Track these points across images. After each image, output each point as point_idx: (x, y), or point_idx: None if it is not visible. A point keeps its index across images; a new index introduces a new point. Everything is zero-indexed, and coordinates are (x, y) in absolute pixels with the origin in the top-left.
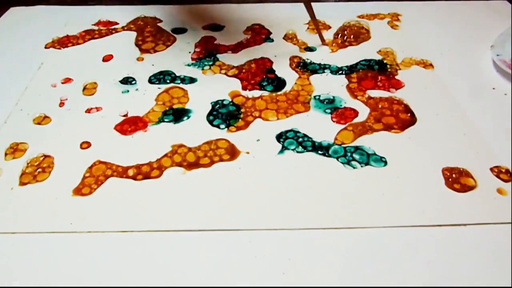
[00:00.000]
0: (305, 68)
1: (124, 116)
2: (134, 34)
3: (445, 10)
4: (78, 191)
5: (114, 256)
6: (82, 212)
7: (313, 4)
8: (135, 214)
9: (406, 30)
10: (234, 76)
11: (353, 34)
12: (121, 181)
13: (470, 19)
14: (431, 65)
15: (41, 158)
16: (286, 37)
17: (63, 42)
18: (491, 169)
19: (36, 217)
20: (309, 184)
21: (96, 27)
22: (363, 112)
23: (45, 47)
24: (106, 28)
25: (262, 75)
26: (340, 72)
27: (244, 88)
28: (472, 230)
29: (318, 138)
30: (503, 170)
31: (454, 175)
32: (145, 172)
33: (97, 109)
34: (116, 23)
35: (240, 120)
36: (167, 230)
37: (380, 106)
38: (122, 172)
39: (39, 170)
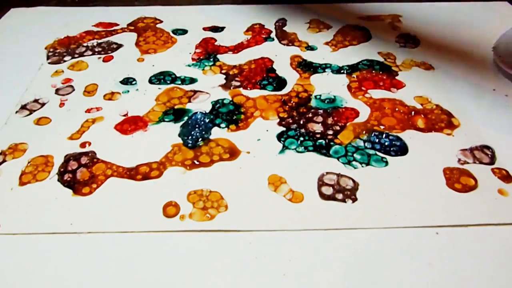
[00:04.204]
0: (306, 67)
1: (124, 116)
2: (134, 35)
3: (446, 11)
4: (78, 191)
5: (114, 256)
6: (82, 212)
7: (314, 4)
8: (135, 215)
9: (407, 32)
10: (235, 75)
11: None
12: (121, 181)
13: (471, 20)
14: (431, 66)
15: (41, 158)
16: (287, 37)
17: (63, 43)
18: (492, 170)
19: (36, 217)
20: (310, 184)
21: (96, 28)
22: (364, 112)
23: (45, 48)
24: (106, 29)
25: (263, 74)
26: (341, 71)
27: (244, 87)
28: (473, 231)
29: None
30: (504, 171)
31: (455, 175)
32: (145, 172)
33: (97, 109)
34: (116, 24)
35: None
36: (168, 230)
37: (381, 106)
38: (122, 172)
39: (39, 169)
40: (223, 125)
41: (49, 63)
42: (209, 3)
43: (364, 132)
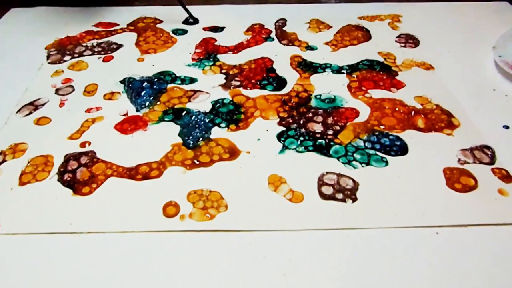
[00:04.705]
0: (306, 67)
1: (124, 115)
2: (134, 35)
3: (446, 11)
4: (78, 191)
5: (114, 256)
6: (82, 212)
7: (314, 4)
8: (135, 214)
9: (407, 31)
10: (235, 75)
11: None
12: (121, 180)
13: (471, 20)
14: (431, 66)
15: (41, 158)
16: (287, 37)
17: (63, 43)
18: (492, 170)
19: (36, 217)
20: (310, 184)
21: (96, 28)
22: (364, 112)
23: (45, 48)
24: (106, 29)
25: (263, 74)
26: (341, 71)
27: (244, 87)
28: (473, 231)
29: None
30: (504, 171)
31: (454, 175)
32: (145, 171)
33: (97, 109)
34: (116, 24)
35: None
36: (167, 230)
37: (381, 106)
38: (122, 172)
39: (39, 169)
40: (223, 124)
41: (49, 63)
42: (209, 3)
43: (364, 132)
